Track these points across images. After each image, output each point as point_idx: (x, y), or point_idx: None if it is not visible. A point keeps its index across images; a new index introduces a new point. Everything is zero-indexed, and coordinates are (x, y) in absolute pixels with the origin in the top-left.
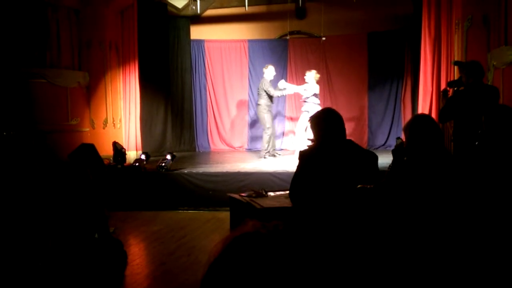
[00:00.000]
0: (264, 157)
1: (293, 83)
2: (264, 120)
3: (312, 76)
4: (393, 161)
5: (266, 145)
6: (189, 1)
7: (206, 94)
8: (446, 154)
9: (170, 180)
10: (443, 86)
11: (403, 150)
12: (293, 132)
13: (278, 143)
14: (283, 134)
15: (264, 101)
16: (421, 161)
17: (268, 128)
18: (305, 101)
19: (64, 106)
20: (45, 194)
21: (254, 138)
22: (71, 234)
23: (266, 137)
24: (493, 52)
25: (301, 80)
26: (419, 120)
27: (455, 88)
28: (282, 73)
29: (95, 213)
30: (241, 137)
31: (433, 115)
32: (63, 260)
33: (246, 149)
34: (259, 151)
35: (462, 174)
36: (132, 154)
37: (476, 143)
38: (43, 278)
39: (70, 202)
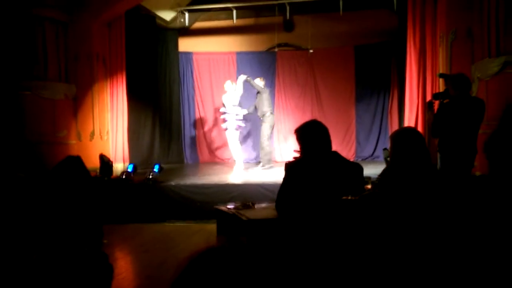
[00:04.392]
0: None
1: (281, 94)
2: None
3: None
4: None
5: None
6: (177, 14)
7: (194, 106)
8: (430, 167)
9: (158, 192)
10: (428, 97)
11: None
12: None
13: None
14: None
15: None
16: (403, 174)
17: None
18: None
19: (51, 118)
20: (29, 205)
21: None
22: (56, 246)
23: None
24: (477, 64)
25: (289, 91)
26: (403, 134)
27: (441, 100)
28: (270, 85)
29: (84, 226)
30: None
31: (419, 126)
32: (47, 273)
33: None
34: (249, 162)
35: (446, 187)
36: (119, 166)
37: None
38: None
39: (55, 215)
